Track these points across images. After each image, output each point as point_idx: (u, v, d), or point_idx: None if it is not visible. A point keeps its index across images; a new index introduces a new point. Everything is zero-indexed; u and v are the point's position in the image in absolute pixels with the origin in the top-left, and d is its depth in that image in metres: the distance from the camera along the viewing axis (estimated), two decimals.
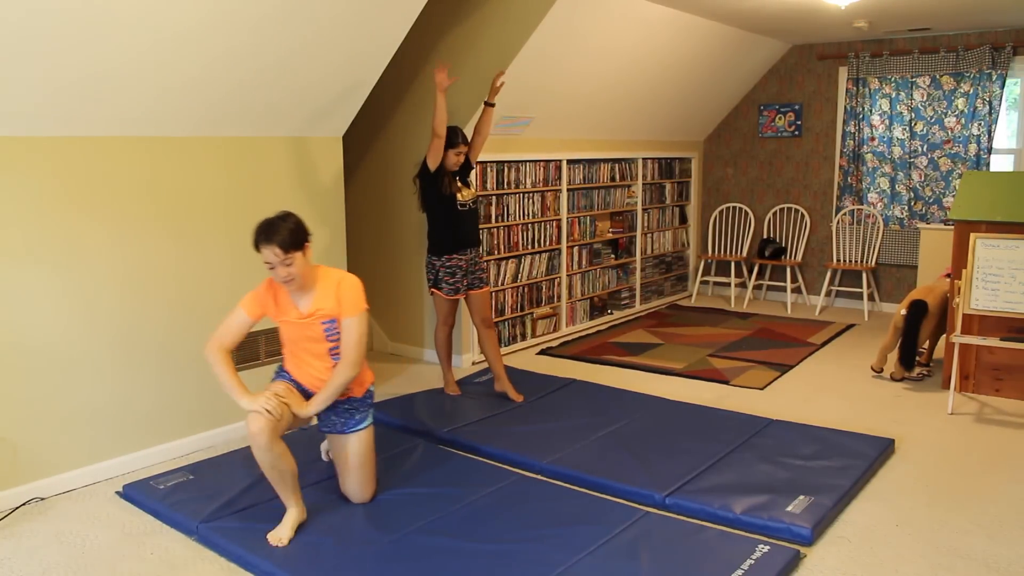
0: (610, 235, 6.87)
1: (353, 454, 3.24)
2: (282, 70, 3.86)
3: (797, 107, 7.56)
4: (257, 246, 2.94)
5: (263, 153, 4.18)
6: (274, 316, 3.11)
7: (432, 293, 4.58)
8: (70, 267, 3.48)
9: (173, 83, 3.52)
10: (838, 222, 7.31)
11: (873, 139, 7.14)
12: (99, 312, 3.59)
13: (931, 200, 6.96)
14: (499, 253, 5.74)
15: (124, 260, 3.65)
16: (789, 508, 3.19)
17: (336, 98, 4.28)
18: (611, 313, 6.97)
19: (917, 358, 5.10)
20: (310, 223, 4.39)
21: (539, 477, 3.65)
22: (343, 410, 3.22)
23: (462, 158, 4.46)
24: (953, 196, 6.72)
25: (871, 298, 7.38)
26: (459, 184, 4.48)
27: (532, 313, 6.10)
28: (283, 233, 2.92)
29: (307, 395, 3.16)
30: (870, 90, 7.09)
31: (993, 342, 4.51)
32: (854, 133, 7.17)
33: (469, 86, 5.16)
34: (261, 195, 4.18)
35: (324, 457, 3.73)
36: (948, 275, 5.18)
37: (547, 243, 6.17)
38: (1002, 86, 6.49)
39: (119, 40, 3.17)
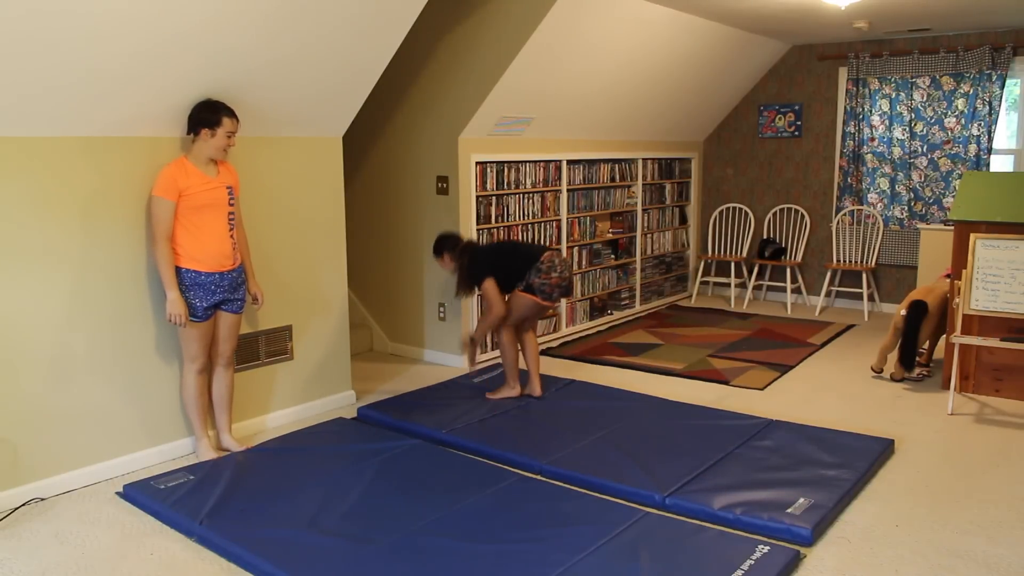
0: (610, 235, 6.87)
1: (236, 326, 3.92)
2: (282, 70, 3.86)
3: (797, 107, 7.56)
4: (222, 117, 3.58)
5: (263, 153, 4.18)
6: (187, 189, 3.55)
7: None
8: (70, 267, 3.48)
9: (171, 84, 3.52)
10: (838, 222, 7.31)
11: (873, 139, 7.14)
12: (99, 312, 3.59)
13: (931, 200, 6.96)
14: None
15: (124, 259, 3.65)
16: (789, 509, 3.19)
17: (336, 98, 4.28)
18: (611, 313, 6.97)
19: (917, 358, 5.10)
20: (310, 223, 4.46)
21: (539, 477, 3.66)
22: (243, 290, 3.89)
23: None
24: (953, 196, 6.72)
25: (871, 299, 7.38)
26: None
27: None
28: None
29: (215, 275, 3.66)
30: (870, 90, 7.09)
31: (993, 342, 4.51)
32: (854, 133, 7.17)
33: (469, 86, 5.17)
34: (261, 195, 4.18)
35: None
36: (948, 275, 5.18)
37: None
38: (1002, 86, 6.49)
39: (117, 40, 3.17)
